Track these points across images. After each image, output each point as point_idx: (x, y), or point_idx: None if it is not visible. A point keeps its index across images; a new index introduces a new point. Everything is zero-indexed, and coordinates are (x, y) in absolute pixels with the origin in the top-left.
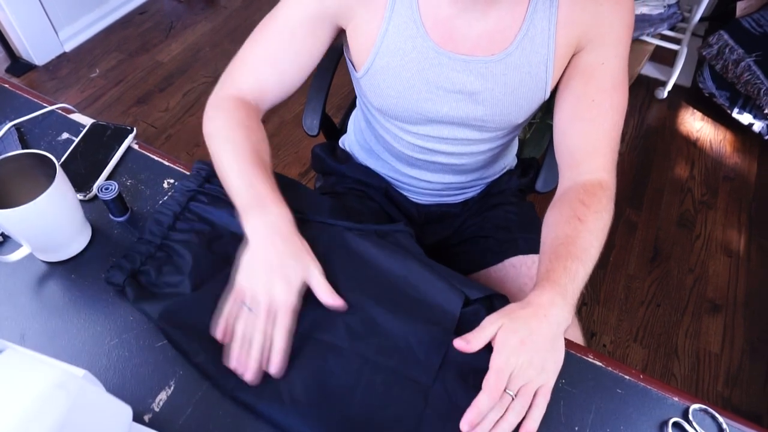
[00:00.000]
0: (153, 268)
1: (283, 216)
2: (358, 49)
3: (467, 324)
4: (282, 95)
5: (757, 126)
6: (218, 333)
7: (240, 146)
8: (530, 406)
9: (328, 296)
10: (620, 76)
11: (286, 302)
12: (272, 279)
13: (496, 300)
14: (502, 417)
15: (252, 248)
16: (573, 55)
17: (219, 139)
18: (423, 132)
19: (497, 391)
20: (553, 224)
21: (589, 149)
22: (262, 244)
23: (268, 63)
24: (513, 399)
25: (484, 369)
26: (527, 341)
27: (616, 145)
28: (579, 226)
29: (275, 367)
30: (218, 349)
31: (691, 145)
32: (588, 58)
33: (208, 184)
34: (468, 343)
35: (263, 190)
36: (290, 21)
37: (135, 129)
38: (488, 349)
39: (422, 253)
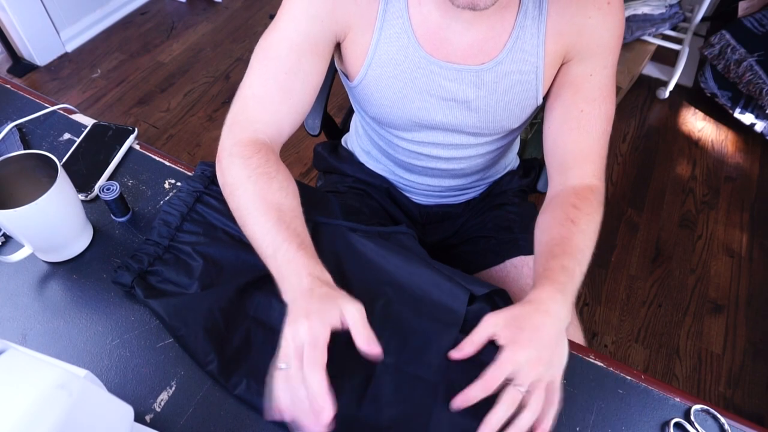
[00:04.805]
0: (160, 269)
1: (318, 280)
2: (351, 61)
3: (473, 322)
4: (295, 126)
5: (759, 126)
6: (277, 414)
7: (264, 203)
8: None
9: (362, 340)
10: (608, 85)
11: (311, 336)
12: (299, 323)
13: (497, 296)
14: (516, 415)
15: (289, 315)
16: (562, 65)
17: (241, 193)
18: (418, 139)
19: (493, 380)
20: (546, 228)
21: (579, 157)
22: (298, 306)
23: (282, 97)
24: (522, 395)
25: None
26: (533, 337)
27: (605, 152)
28: (573, 228)
29: (325, 413)
30: (226, 350)
31: (692, 145)
32: (577, 70)
33: (212, 185)
34: (460, 351)
35: (297, 261)
36: (295, 46)
37: (136, 129)
38: (495, 344)
39: (425, 253)
